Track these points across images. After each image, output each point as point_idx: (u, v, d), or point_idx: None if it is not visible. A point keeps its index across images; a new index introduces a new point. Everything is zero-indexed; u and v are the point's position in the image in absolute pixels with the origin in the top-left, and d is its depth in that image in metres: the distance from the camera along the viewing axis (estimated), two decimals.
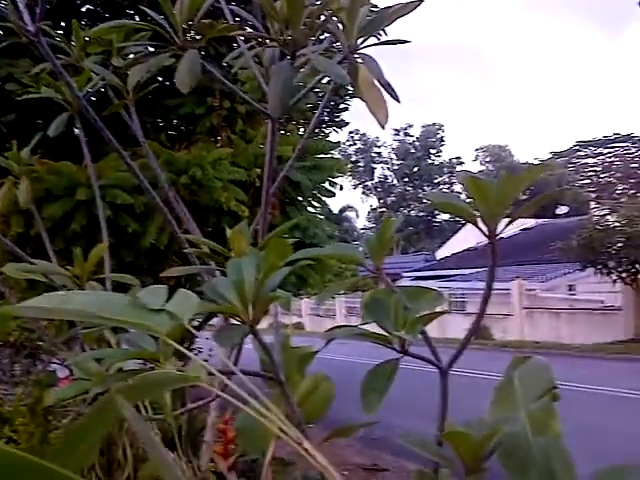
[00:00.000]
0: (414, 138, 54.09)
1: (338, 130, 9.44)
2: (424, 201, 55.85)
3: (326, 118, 9.37)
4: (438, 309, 1.43)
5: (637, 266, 14.37)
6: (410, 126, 55.00)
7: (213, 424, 3.98)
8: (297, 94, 1.73)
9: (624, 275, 14.79)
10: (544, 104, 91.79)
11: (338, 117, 9.53)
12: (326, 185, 7.57)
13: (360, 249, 1.36)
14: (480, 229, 1.60)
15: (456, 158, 53.97)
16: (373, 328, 1.03)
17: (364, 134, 54.54)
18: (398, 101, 2.14)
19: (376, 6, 2.05)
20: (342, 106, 9.49)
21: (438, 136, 53.49)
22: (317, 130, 9.46)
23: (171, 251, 5.73)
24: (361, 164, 54.82)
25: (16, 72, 5.68)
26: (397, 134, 54.99)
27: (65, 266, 1.59)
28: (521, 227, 34.13)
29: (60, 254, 2.01)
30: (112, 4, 6.66)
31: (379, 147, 55.44)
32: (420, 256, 39.27)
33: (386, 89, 2.03)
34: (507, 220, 1.41)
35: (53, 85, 1.87)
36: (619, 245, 14.12)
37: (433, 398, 1.34)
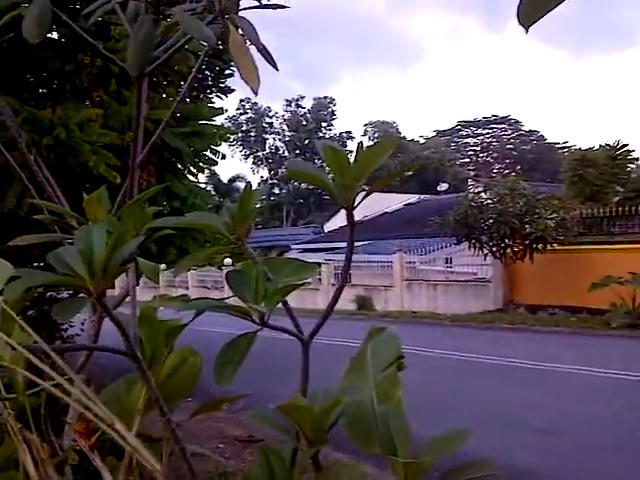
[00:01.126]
0: (306, 110, 54.18)
1: (223, 96, 9.12)
2: None
3: (210, 83, 9.02)
4: (308, 280, 1.39)
5: (506, 241, 15.42)
6: (302, 97, 55.02)
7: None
8: (163, 53, 1.59)
9: (494, 249, 15.83)
10: (431, 83, 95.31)
11: (223, 83, 9.20)
12: (208, 153, 7.33)
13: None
14: (336, 200, 1.54)
15: (347, 132, 54.87)
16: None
17: (255, 103, 53.83)
18: (276, 69, 2.04)
19: None
20: (228, 72, 9.18)
21: (329, 110, 53.95)
22: (201, 96, 9.09)
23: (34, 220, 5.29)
24: (253, 134, 54.14)
25: None
26: (289, 105, 54.83)
27: None
28: (405, 202, 35.52)
29: None
30: None
31: (271, 117, 55.01)
32: (309, 229, 39.73)
33: (264, 55, 1.92)
34: (363, 193, 1.36)
35: None
36: (491, 221, 15.06)
37: (317, 367, 1.29)
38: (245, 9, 2.02)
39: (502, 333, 13.11)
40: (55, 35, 5.87)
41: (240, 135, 54.06)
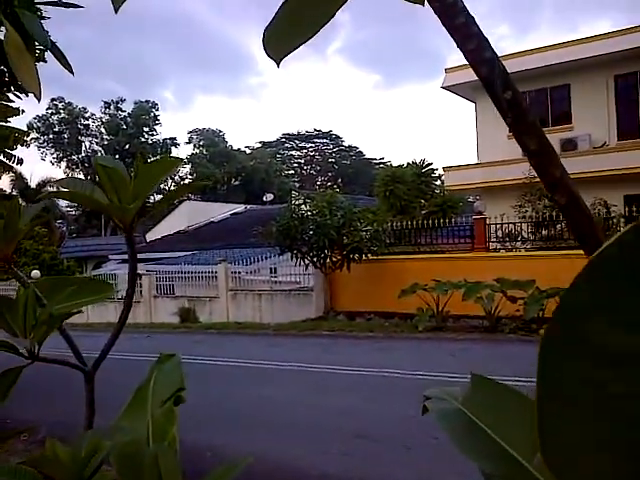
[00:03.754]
0: (126, 114, 51.67)
1: (21, 96, 8.25)
2: None
3: (7, 80, 8.10)
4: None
5: (326, 251, 16.03)
6: (123, 100, 52.39)
7: None
8: None
9: (315, 260, 16.37)
10: (257, 95, 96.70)
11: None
12: (1, 158, 6.57)
13: None
14: (117, 222, 1.36)
15: (170, 139, 53.31)
16: None
17: (70, 103, 50.10)
18: (71, 72, 1.78)
19: None
20: None
21: (152, 114, 52.05)
22: None
23: None
24: (66, 136, 50.27)
25: None
26: (108, 107, 51.87)
27: None
28: (231, 212, 35.44)
29: None
30: None
31: (87, 119, 51.56)
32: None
33: (55, 56, 1.66)
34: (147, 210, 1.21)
35: None
36: (311, 232, 15.56)
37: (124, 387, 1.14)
38: (40, 4, 1.75)
39: (322, 340, 13.56)
40: None
41: (52, 137, 49.91)
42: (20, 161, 6.82)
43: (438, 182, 22.86)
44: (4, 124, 6.68)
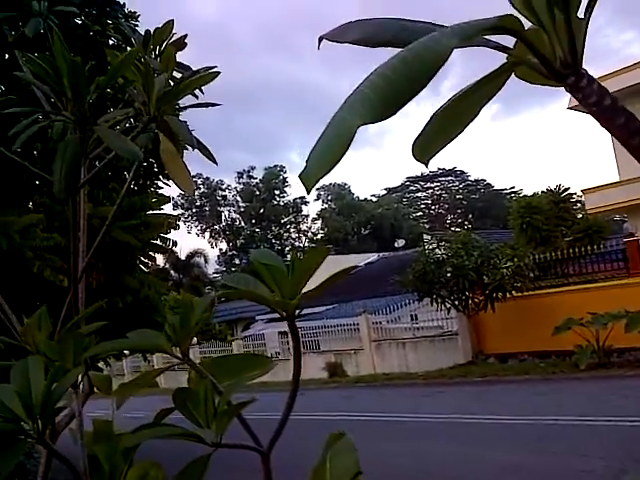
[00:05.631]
0: (257, 180, 54.86)
1: (169, 183, 9.13)
2: (274, 241, 56.51)
3: (156, 170, 9.02)
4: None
5: (466, 293, 15.58)
6: (253, 169, 55.82)
7: None
8: (91, 169, 1.57)
9: (456, 302, 15.95)
10: (376, 144, 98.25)
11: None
12: (158, 242, 7.26)
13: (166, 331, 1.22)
14: (279, 312, 1.48)
15: (300, 198, 55.51)
16: None
17: (207, 178, 54.24)
18: (215, 162, 2.01)
19: (185, 66, 1.94)
20: None
21: (281, 178, 54.76)
22: (147, 183, 9.05)
23: None
24: (207, 208, 54.27)
25: None
26: (241, 177, 55.46)
27: None
28: (365, 262, 35.75)
29: None
30: None
31: (224, 190, 55.42)
32: None
33: (201, 151, 1.88)
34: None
35: None
36: (449, 275, 15.24)
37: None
38: (180, 110, 1.99)
39: (474, 387, 13.03)
40: None
41: (195, 210, 54.11)
42: (174, 243, 7.51)
43: (578, 206, 21.51)
44: (158, 212, 7.38)
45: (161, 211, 7.52)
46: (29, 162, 1.60)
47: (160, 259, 36.57)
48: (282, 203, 55.18)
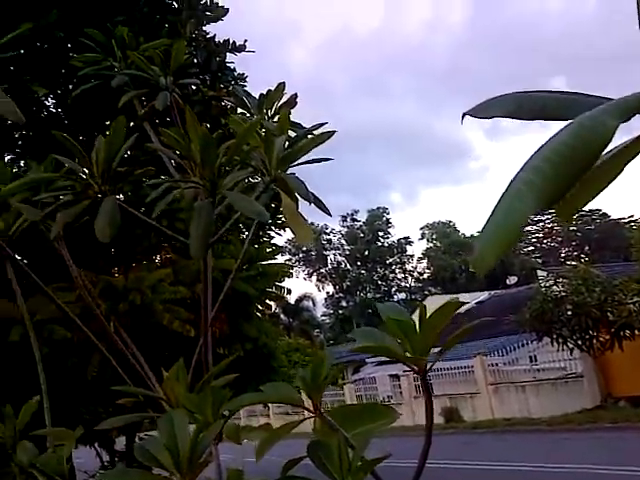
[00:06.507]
0: (361, 223, 55.37)
1: (281, 232, 9.48)
2: (379, 282, 56.35)
3: (270, 221, 9.40)
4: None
5: (590, 332, 14.61)
6: (356, 212, 56.48)
7: None
8: (221, 229, 1.70)
9: (579, 342, 14.99)
10: (480, 177, 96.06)
11: (280, 219, 9.59)
12: (273, 290, 7.52)
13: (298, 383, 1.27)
14: (411, 367, 1.52)
15: (404, 238, 55.26)
16: None
17: (312, 223, 55.42)
18: (329, 214, 2.12)
19: (297, 124, 2.04)
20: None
21: (384, 219, 54.91)
22: (260, 233, 9.46)
23: (119, 382, 5.45)
24: (313, 252, 55.35)
25: None
26: (344, 220, 56.25)
27: None
28: (475, 300, 34.61)
29: None
30: (32, 143, 6.72)
31: (328, 234, 56.37)
32: None
33: (317, 205, 2.00)
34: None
35: None
36: (569, 314, 14.39)
37: None
38: (293, 165, 2.11)
39: (605, 434, 12.05)
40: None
41: (301, 255, 55.35)
42: (289, 291, 7.74)
43: None
44: (273, 261, 7.66)
45: (275, 260, 7.81)
46: (155, 220, 1.77)
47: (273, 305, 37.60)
48: (386, 244, 55.17)
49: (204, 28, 7.93)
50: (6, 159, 7.14)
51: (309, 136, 1.65)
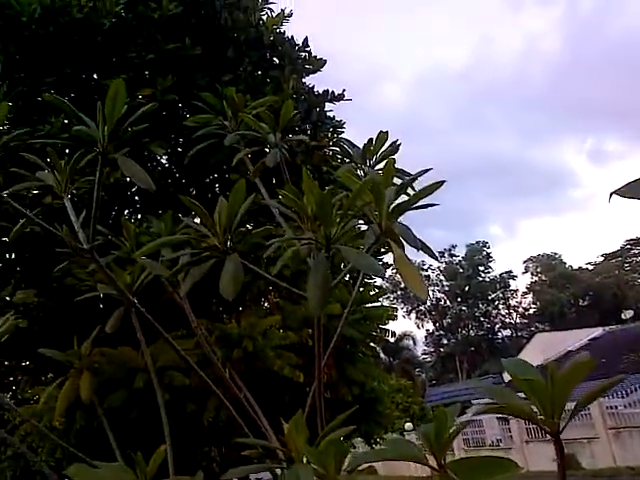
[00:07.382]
0: (459, 258, 54.06)
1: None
2: (482, 319, 54.43)
3: None
4: None
5: None
6: (454, 247, 55.27)
7: None
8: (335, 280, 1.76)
9: None
10: (585, 206, 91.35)
11: (380, 260, 9.61)
12: (378, 333, 7.50)
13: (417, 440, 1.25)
14: (544, 429, 1.48)
15: (507, 272, 53.29)
16: None
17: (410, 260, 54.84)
18: (436, 259, 2.15)
19: (401, 170, 2.06)
20: (383, 249, 9.59)
21: (484, 253, 53.31)
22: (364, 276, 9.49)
23: (232, 426, 5.62)
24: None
25: (73, 267, 6.04)
26: (442, 256, 55.13)
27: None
28: (589, 337, 32.54)
29: (123, 445, 1.98)
30: (149, 198, 7.19)
31: (426, 270, 55.41)
32: (487, 379, 37.45)
33: (424, 251, 2.02)
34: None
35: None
36: None
37: None
38: (399, 214, 2.13)
39: None
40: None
41: (399, 293, 54.74)
42: (393, 334, 7.68)
43: None
44: (376, 305, 7.67)
45: (378, 303, 7.80)
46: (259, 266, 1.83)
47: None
48: (488, 279, 53.39)
49: (303, 80, 8.26)
50: (125, 214, 7.72)
51: (415, 185, 1.66)
